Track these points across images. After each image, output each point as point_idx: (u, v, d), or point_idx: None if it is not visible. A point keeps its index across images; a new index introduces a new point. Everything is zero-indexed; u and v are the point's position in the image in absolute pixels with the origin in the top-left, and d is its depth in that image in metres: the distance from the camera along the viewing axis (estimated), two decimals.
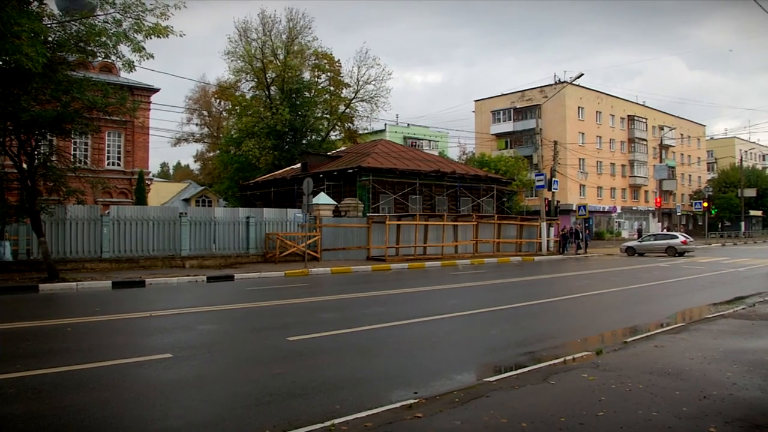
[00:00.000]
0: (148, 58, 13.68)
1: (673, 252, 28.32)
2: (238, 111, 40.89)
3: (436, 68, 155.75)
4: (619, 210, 54.82)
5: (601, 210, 52.30)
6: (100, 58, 15.49)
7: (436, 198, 29.35)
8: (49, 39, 13.29)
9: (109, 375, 6.08)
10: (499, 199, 32.38)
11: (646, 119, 60.16)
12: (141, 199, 28.85)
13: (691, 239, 30.82)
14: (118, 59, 13.95)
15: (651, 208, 57.72)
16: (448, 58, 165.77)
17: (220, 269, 18.38)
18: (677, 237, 29.58)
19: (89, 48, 13.77)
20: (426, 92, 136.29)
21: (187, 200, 46.84)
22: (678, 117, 66.77)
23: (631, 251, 29.52)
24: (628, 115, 58.12)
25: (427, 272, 19.57)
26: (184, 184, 54.16)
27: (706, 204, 50.84)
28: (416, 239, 24.59)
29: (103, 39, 13.26)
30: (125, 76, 27.87)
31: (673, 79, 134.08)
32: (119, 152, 30.96)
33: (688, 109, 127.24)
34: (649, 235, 32.32)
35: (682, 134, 66.17)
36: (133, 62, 13.84)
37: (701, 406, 4.89)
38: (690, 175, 68.39)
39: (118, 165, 30.88)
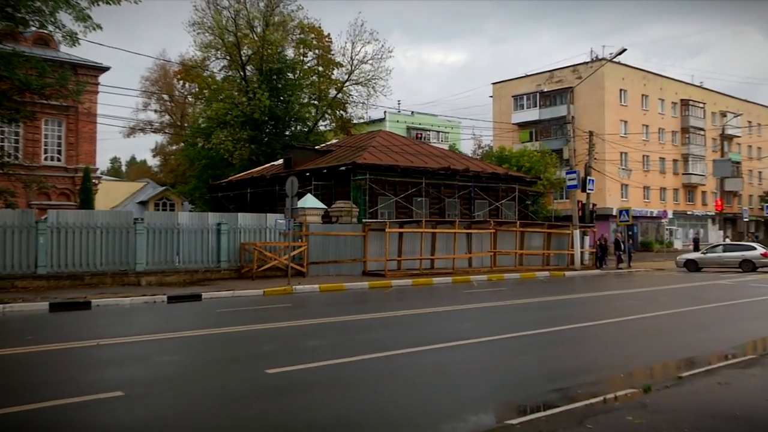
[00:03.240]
0: (95, 30, 13.69)
1: (749, 267, 27.68)
2: (206, 95, 40.99)
3: (458, 46, 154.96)
4: (670, 215, 54.63)
5: (648, 215, 52.38)
6: (33, 28, 15.47)
7: (446, 201, 29.37)
8: None
9: (43, 419, 6.01)
10: (522, 202, 32.42)
11: (704, 104, 60.11)
12: (87, 201, 28.82)
13: None
14: (57, 30, 13.93)
15: (710, 213, 57.75)
16: (473, 32, 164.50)
17: (185, 287, 18.34)
18: (755, 248, 28.92)
19: (19, 15, 13.68)
20: (445, 74, 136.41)
21: (144, 203, 46.85)
22: (745, 101, 66.05)
23: (692, 265, 28.93)
24: (681, 99, 58.23)
25: (435, 290, 19.51)
26: (141, 184, 54.22)
27: None
28: (422, 250, 24.58)
29: (37, 4, 13.22)
30: (67, 51, 27.82)
31: (746, 56, 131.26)
32: (60, 144, 30.95)
33: (765, 92, 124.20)
34: (716, 246, 31.51)
35: (750, 121, 65.30)
36: (77, 34, 13.84)
37: None
38: (760, 172, 68.00)
39: (59, 160, 30.88)
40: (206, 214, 22.55)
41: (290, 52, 41.03)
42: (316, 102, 41.73)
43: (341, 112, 43.74)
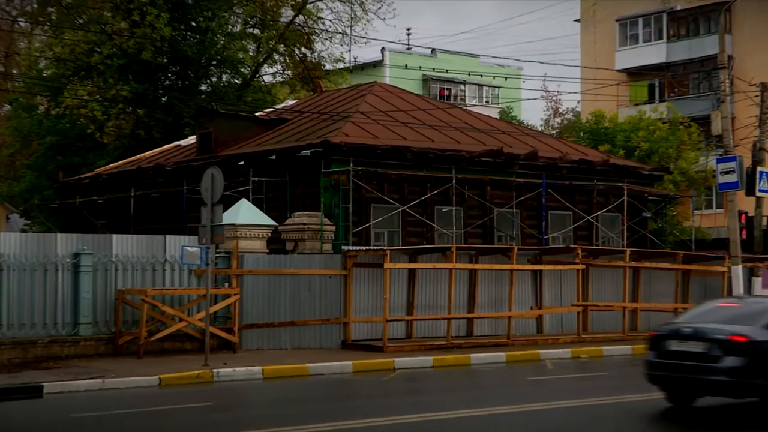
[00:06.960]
0: None
1: None
2: (53, 19, 41.01)
3: None
4: None
5: None
6: None
7: (496, 211, 29.37)
8: None
9: None
10: (635, 214, 32.39)
11: None
12: None
13: None
14: None
15: None
16: None
17: (11, 372, 18.34)
18: None
19: None
20: None
21: None
22: None
23: None
24: None
25: (476, 377, 19.53)
26: None
27: None
28: (451, 302, 24.49)
29: None
30: None
31: None
32: None
33: None
34: None
35: None
36: None
37: None
38: None
39: None
40: (53, 236, 22.63)
41: None
42: (257, 31, 41.82)
43: (304, 49, 43.82)
